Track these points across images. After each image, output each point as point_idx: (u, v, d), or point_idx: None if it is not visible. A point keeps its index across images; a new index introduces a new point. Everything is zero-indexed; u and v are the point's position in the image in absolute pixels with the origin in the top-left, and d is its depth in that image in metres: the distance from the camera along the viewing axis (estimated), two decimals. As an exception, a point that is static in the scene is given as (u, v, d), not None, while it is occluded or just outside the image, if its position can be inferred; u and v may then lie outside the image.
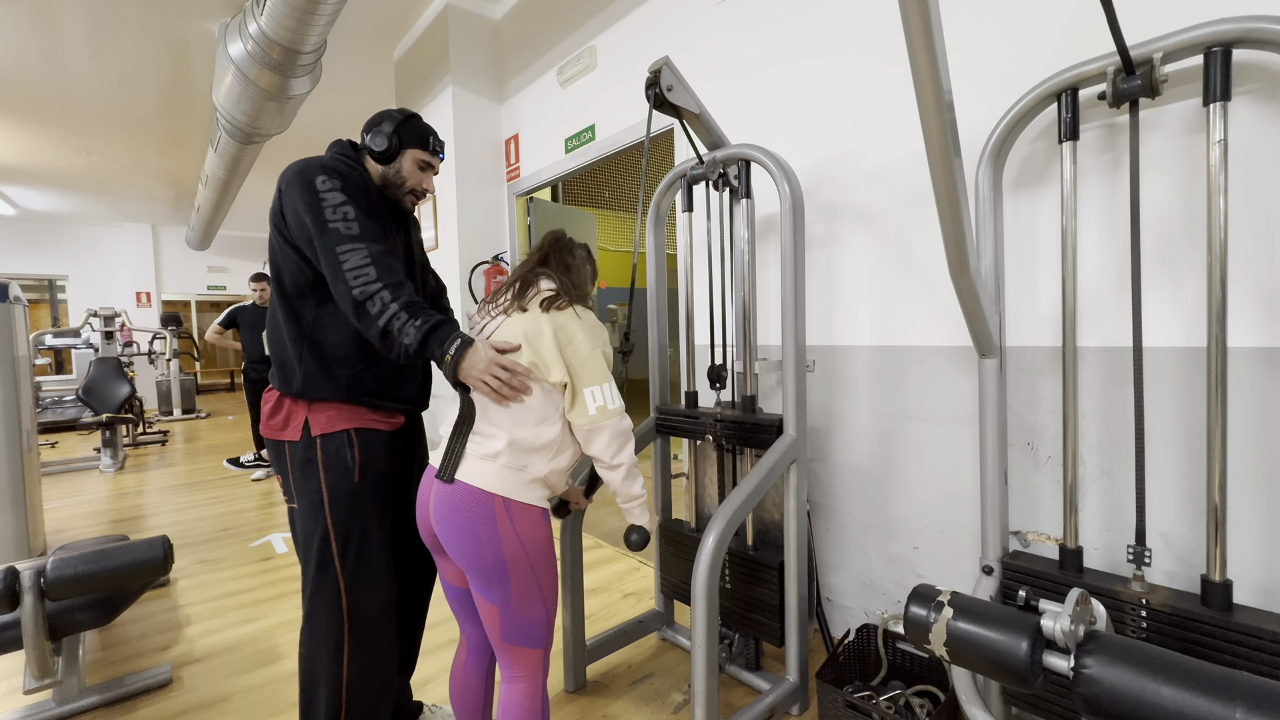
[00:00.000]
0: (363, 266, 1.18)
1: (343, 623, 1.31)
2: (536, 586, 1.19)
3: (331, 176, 1.25)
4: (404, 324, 1.16)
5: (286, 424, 1.31)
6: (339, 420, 1.31)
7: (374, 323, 1.17)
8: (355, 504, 1.32)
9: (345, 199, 1.23)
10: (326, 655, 1.31)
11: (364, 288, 1.17)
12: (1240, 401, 1.26)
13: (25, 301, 3.03)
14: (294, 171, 1.26)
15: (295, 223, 1.25)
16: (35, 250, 9.13)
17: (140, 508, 4.02)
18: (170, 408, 8.31)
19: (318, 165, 1.26)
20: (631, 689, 1.87)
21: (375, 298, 1.16)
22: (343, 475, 1.30)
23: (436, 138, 1.47)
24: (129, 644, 2.23)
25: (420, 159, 1.42)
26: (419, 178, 1.44)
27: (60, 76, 4.39)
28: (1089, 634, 0.96)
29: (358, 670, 1.33)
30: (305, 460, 1.30)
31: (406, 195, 1.44)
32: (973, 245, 1.23)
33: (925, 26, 0.89)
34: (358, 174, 1.34)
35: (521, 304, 1.26)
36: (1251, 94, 1.24)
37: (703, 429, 1.87)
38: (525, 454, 1.18)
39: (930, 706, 1.62)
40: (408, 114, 1.44)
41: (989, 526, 1.47)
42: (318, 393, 1.30)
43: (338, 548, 1.31)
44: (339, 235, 1.20)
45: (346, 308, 1.20)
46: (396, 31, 4.01)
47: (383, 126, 1.39)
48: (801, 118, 2.12)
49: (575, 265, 1.35)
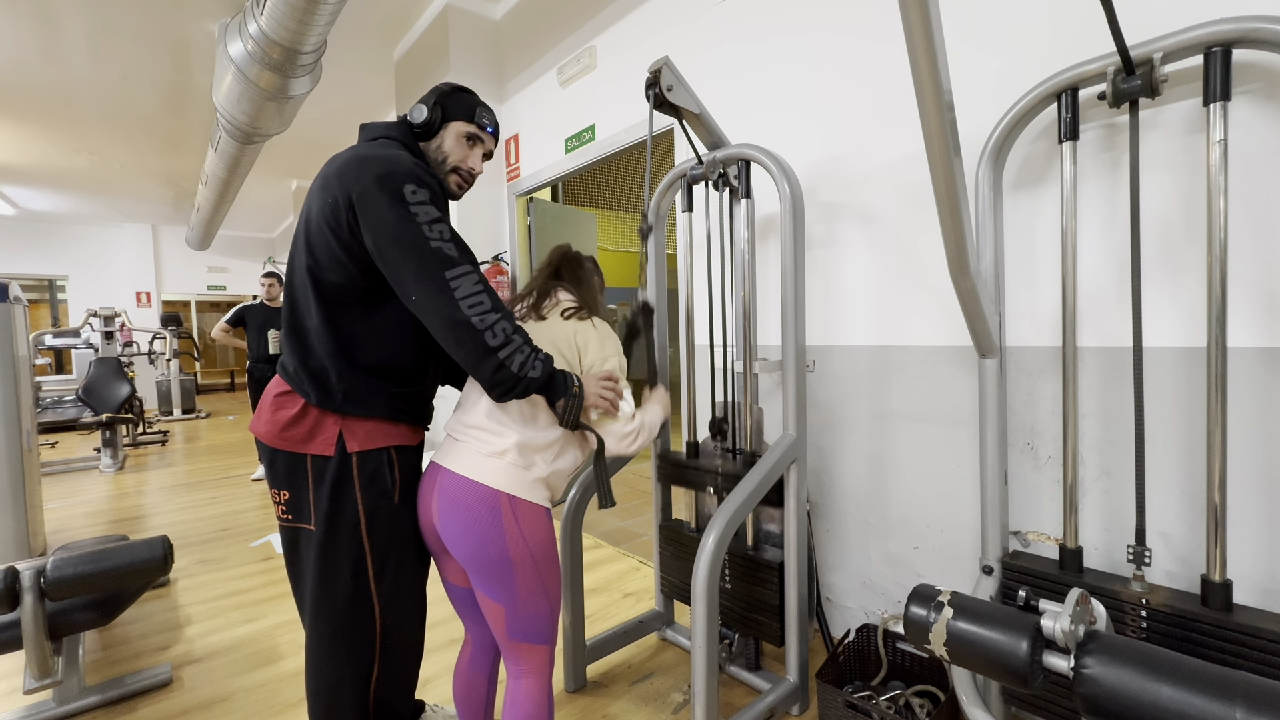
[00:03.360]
0: (476, 294, 1.10)
1: (375, 644, 1.25)
2: (541, 584, 1.20)
3: (420, 187, 1.12)
4: (528, 358, 1.11)
5: (312, 436, 1.19)
6: (378, 437, 1.22)
7: (492, 354, 1.08)
8: (396, 525, 1.24)
9: (439, 215, 1.13)
10: (353, 676, 1.24)
11: (483, 316, 1.08)
12: (1240, 401, 1.26)
13: (25, 301, 3.03)
14: (373, 177, 1.10)
15: (377, 234, 1.10)
16: (35, 250, 9.13)
17: (140, 508, 4.03)
18: (170, 408, 8.31)
19: (404, 172, 1.12)
20: (631, 689, 1.87)
21: (497, 328, 1.09)
22: (382, 496, 1.22)
23: (486, 110, 1.32)
24: (129, 644, 2.23)
25: (465, 131, 1.29)
26: (463, 153, 1.30)
27: (60, 76, 4.39)
28: (1089, 634, 0.96)
29: (384, 693, 1.28)
30: (338, 478, 1.19)
31: (450, 175, 1.30)
32: (973, 245, 1.23)
33: (925, 26, 0.90)
34: (436, 181, 1.20)
35: (539, 313, 1.32)
36: (1251, 94, 1.24)
37: (705, 481, 1.87)
38: (531, 453, 1.19)
39: (930, 706, 1.62)
40: (456, 86, 1.31)
41: (989, 526, 1.47)
42: (360, 408, 1.20)
43: (374, 570, 1.22)
44: (442, 257, 1.09)
45: (453, 333, 1.09)
46: (396, 31, 4.01)
47: (426, 98, 1.27)
48: (801, 117, 2.12)
49: (585, 278, 1.41)
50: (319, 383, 1.18)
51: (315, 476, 1.19)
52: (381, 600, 1.24)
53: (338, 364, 1.18)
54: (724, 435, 1.90)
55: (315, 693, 1.26)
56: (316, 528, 1.19)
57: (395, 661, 1.29)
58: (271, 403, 1.21)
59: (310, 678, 1.26)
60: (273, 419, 1.20)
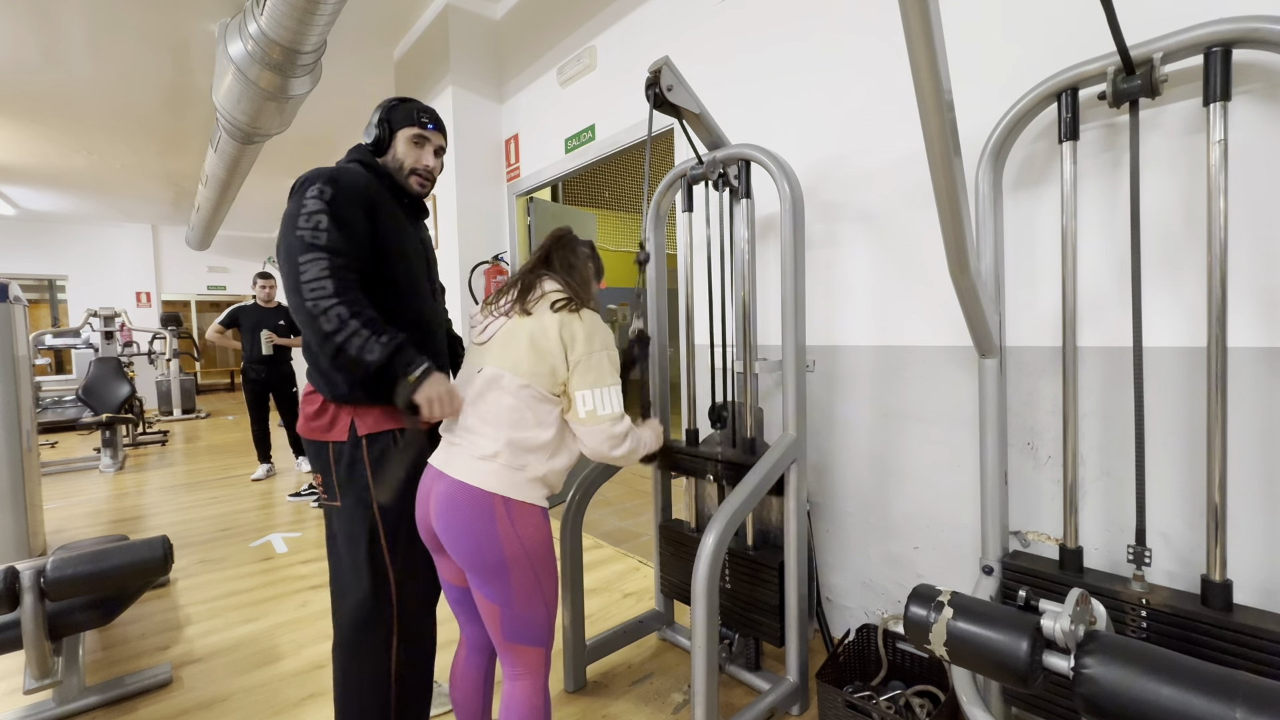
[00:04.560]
0: (319, 280, 1.16)
1: (392, 615, 1.35)
2: (537, 585, 1.19)
3: (327, 185, 1.24)
4: (366, 340, 1.16)
5: (332, 426, 1.33)
6: (384, 421, 1.34)
7: (329, 339, 1.15)
8: (404, 501, 1.34)
9: (322, 207, 1.21)
10: (373, 645, 1.34)
11: (317, 302, 1.15)
12: (1240, 401, 1.26)
13: (25, 301, 3.03)
14: (300, 180, 1.26)
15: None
16: (35, 250, 9.13)
17: (140, 508, 4.03)
18: (170, 408, 8.32)
19: (319, 176, 1.26)
20: (631, 689, 1.87)
21: (331, 313, 1.15)
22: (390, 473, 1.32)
23: (425, 111, 1.44)
24: (129, 644, 2.23)
25: (410, 135, 1.42)
26: (415, 155, 1.43)
27: (60, 76, 4.38)
28: (1089, 634, 0.96)
29: (405, 659, 1.37)
30: (352, 460, 1.33)
31: (410, 178, 1.43)
32: (973, 245, 1.23)
33: (925, 26, 0.90)
34: (365, 179, 1.33)
35: (524, 306, 1.25)
36: (1251, 94, 1.24)
37: (704, 469, 1.87)
38: (523, 453, 1.18)
39: (930, 706, 1.62)
40: (395, 100, 1.44)
41: (989, 526, 1.47)
42: (364, 398, 1.32)
43: (387, 543, 1.34)
44: (302, 244, 1.18)
45: (300, 320, 1.19)
46: (396, 31, 4.01)
47: (372, 119, 1.41)
48: (801, 117, 2.12)
49: (578, 265, 1.34)
50: (327, 379, 1.33)
51: (336, 459, 1.34)
52: (396, 573, 1.35)
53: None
54: (723, 423, 1.90)
55: (343, 670, 1.35)
56: (341, 504, 1.35)
57: (411, 633, 1.38)
58: (303, 401, 1.39)
59: (336, 653, 1.36)
60: (304, 414, 1.38)
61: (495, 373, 1.21)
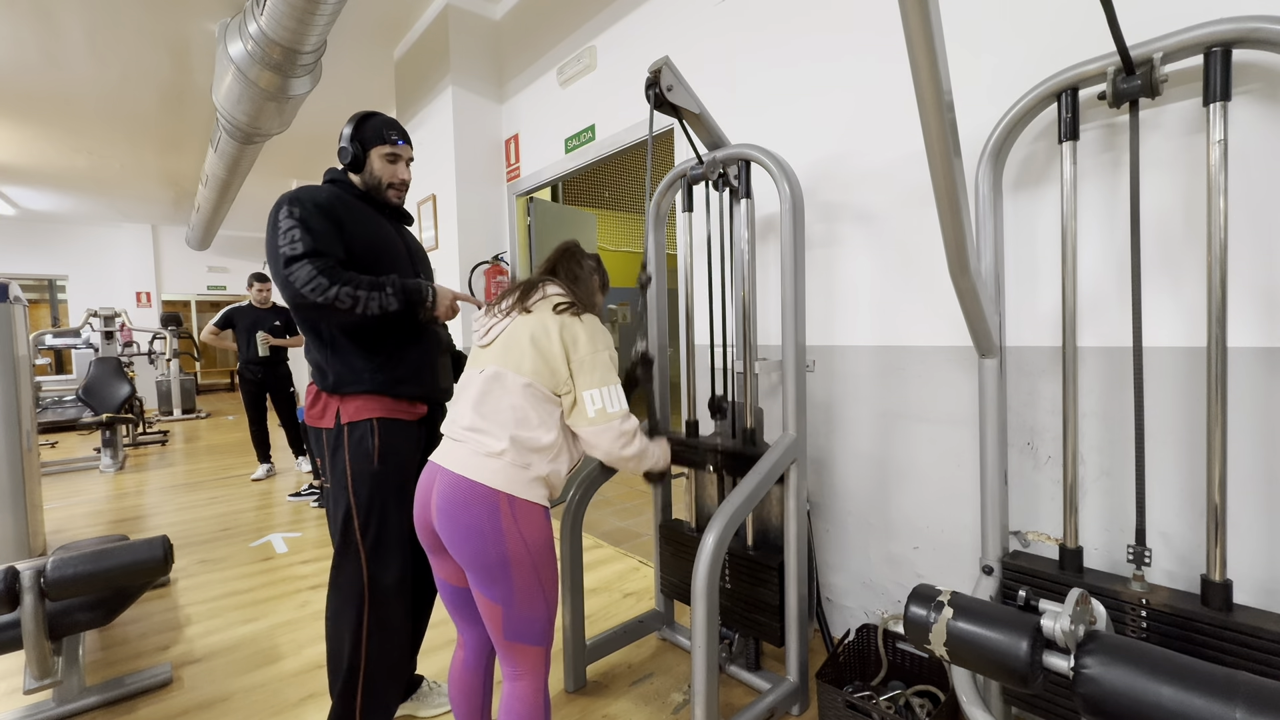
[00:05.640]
0: (314, 278, 1.31)
1: (363, 590, 1.46)
2: (538, 584, 1.19)
3: (294, 204, 1.37)
4: (384, 297, 1.38)
5: (324, 414, 1.48)
6: (365, 410, 1.46)
7: (351, 313, 1.34)
8: (375, 485, 1.45)
9: (294, 223, 1.34)
10: (349, 618, 1.46)
11: (325, 293, 1.31)
12: (1240, 401, 1.26)
13: (25, 301, 3.03)
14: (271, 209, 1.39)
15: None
16: (35, 250, 9.13)
17: (140, 508, 4.03)
18: (170, 408, 8.31)
19: (289, 198, 1.38)
20: (631, 689, 1.87)
21: (342, 294, 1.33)
22: (364, 459, 1.45)
23: (393, 126, 1.56)
24: (129, 644, 2.23)
25: (383, 153, 1.54)
26: (390, 171, 1.56)
27: (60, 76, 4.38)
28: (1089, 634, 0.96)
29: (375, 631, 1.47)
30: (335, 445, 1.46)
31: (387, 190, 1.57)
32: (973, 245, 1.23)
33: (925, 26, 0.89)
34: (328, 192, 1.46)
35: (525, 306, 1.27)
36: (1251, 94, 1.24)
37: (703, 459, 1.87)
38: (528, 453, 1.18)
39: (930, 706, 1.62)
40: (361, 116, 1.54)
41: (989, 526, 1.47)
42: (348, 387, 1.45)
43: (359, 523, 1.45)
44: (286, 258, 1.32)
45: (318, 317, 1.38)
46: (396, 31, 4.01)
47: (343, 138, 1.53)
48: (801, 117, 2.12)
49: (583, 276, 1.36)
50: (320, 372, 1.48)
51: (328, 444, 1.49)
52: (366, 551, 1.46)
53: (326, 354, 1.47)
54: (723, 414, 1.90)
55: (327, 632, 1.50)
56: (332, 485, 1.49)
57: (381, 612, 1.48)
58: (306, 391, 1.54)
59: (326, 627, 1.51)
60: (305, 405, 1.53)
61: (498, 371, 1.22)
